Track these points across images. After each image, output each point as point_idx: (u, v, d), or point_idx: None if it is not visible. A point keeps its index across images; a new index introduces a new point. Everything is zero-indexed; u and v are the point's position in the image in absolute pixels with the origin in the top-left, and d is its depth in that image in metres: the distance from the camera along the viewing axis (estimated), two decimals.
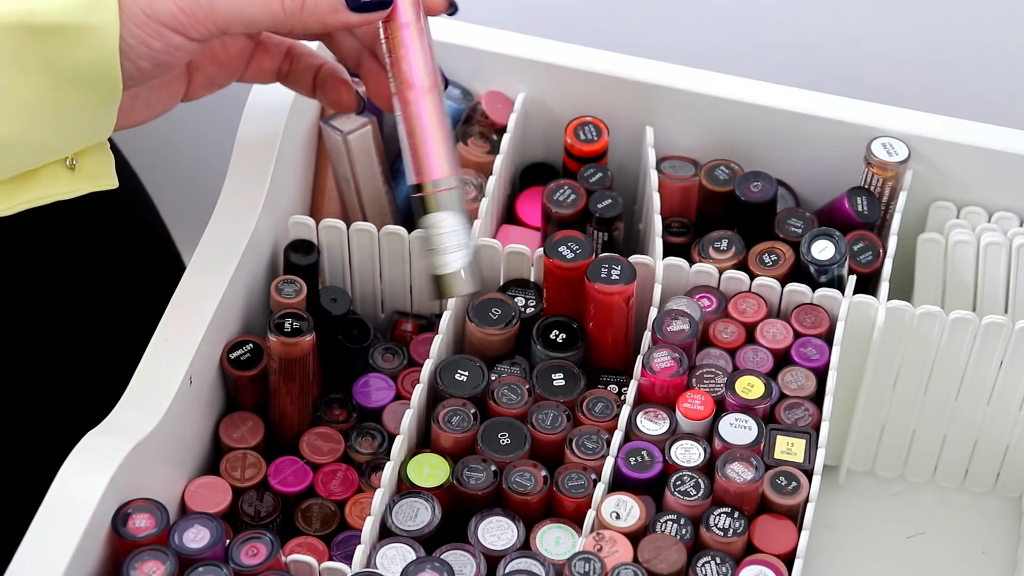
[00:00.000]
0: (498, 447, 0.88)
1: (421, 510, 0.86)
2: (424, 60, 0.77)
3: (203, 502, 0.88)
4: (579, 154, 0.99)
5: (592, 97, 1.01)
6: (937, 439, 1.01)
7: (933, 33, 1.20)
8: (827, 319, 0.94)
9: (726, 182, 0.99)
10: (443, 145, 0.77)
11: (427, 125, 0.77)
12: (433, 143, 0.77)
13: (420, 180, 0.78)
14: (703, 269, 0.95)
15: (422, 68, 0.77)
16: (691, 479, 0.87)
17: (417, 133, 0.77)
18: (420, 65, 0.77)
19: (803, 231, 0.96)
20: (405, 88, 0.77)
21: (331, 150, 0.98)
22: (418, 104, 0.77)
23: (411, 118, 0.77)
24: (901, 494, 1.03)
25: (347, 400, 0.94)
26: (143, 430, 0.83)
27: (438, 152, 0.77)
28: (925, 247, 1.00)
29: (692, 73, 1.00)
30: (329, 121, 0.97)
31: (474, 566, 0.84)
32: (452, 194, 0.78)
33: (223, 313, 0.89)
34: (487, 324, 0.92)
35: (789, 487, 0.87)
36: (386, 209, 1.00)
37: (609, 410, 0.90)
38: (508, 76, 1.02)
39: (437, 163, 0.77)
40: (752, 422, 0.89)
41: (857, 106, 1.00)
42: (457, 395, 0.90)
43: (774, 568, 0.84)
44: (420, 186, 0.78)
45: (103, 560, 0.81)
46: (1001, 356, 0.96)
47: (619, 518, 0.86)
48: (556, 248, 0.92)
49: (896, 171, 0.97)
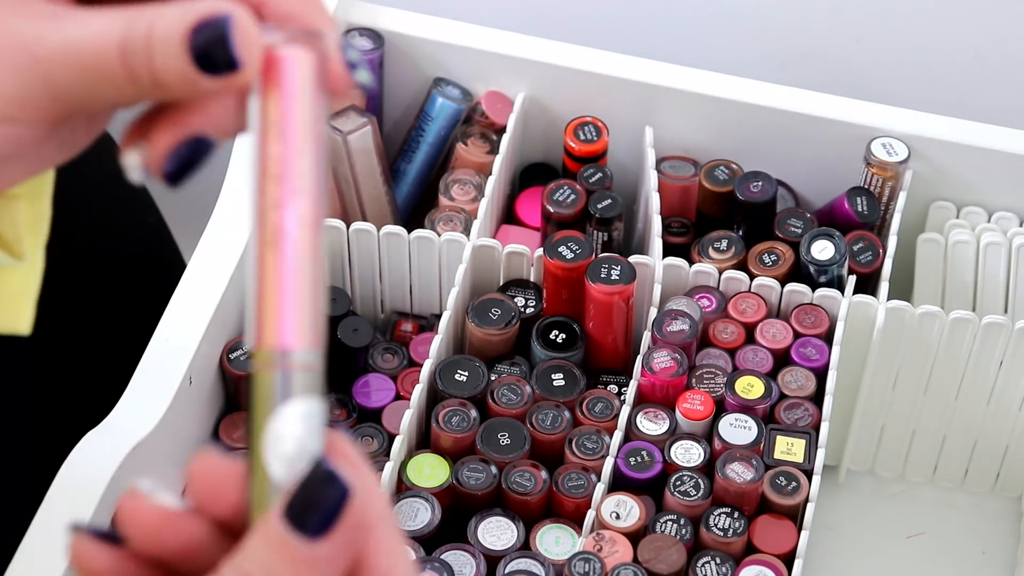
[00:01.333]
0: (498, 447, 0.88)
1: (421, 510, 0.86)
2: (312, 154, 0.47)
3: None
4: (579, 154, 0.99)
5: (592, 97, 1.01)
6: (937, 439, 1.01)
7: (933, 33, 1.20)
8: (827, 319, 0.94)
9: (726, 182, 0.99)
10: (310, 294, 0.46)
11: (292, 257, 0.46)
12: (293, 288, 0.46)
13: (257, 344, 0.46)
14: (703, 269, 0.95)
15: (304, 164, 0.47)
16: (691, 479, 0.87)
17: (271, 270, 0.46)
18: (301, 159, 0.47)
19: (803, 231, 0.96)
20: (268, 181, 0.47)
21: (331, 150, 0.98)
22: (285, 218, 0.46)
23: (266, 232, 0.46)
24: (901, 494, 1.03)
25: (347, 400, 0.94)
26: (143, 430, 0.83)
27: (297, 305, 0.46)
28: (925, 247, 1.00)
29: (692, 73, 1.00)
30: (328, 121, 0.97)
31: (474, 566, 0.84)
32: (303, 377, 0.46)
33: (223, 313, 0.89)
34: (487, 324, 0.92)
35: (789, 487, 0.87)
36: (386, 209, 1.00)
37: (609, 410, 0.90)
38: (508, 76, 1.02)
39: (291, 323, 0.46)
40: (752, 422, 0.89)
41: (857, 106, 1.00)
42: (457, 395, 0.90)
43: (774, 568, 0.84)
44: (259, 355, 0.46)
45: None
46: (1001, 356, 0.96)
47: (619, 518, 0.86)
48: (556, 248, 0.92)
49: (896, 171, 0.97)
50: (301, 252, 0.46)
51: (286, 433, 0.46)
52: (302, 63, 0.48)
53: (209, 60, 0.48)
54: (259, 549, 0.46)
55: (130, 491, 0.48)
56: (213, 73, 0.48)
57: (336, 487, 0.46)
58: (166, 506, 0.48)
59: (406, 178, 1.03)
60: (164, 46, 0.48)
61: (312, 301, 0.46)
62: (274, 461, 0.46)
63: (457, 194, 0.99)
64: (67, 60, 0.49)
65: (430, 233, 0.96)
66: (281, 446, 0.46)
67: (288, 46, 0.49)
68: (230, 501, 0.48)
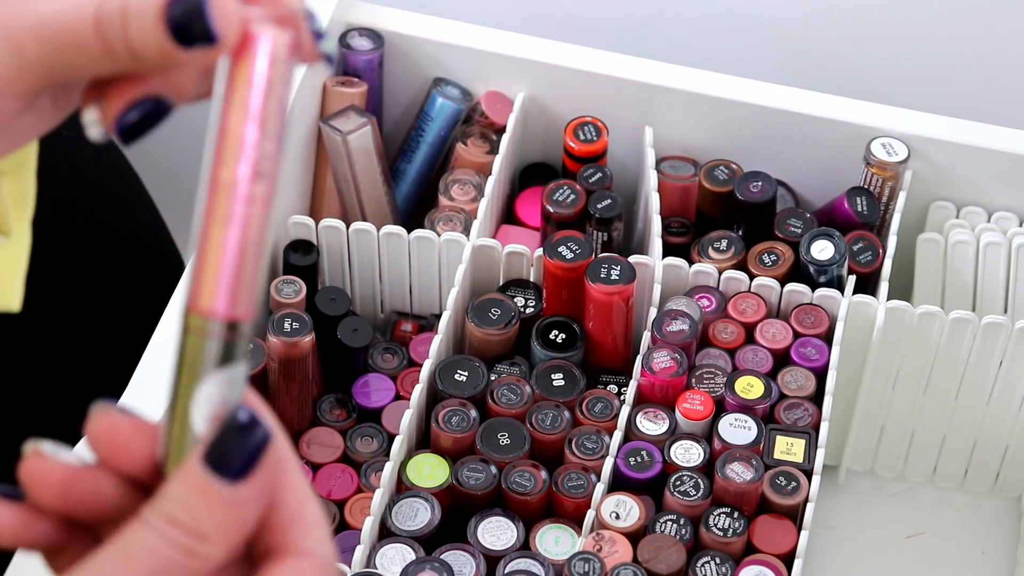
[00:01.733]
0: (498, 447, 0.88)
1: (421, 510, 0.86)
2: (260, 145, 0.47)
3: None
4: (579, 154, 0.99)
5: (592, 97, 1.01)
6: (937, 439, 1.01)
7: (933, 33, 1.20)
8: (827, 319, 0.94)
9: (726, 182, 0.99)
10: (251, 268, 0.48)
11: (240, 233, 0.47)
12: (236, 261, 0.47)
13: (191, 307, 0.48)
14: (702, 269, 0.95)
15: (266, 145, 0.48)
16: (691, 479, 0.87)
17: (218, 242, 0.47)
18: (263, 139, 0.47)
19: (803, 231, 0.96)
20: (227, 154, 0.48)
21: (330, 150, 0.98)
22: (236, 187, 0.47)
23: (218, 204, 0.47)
24: (901, 494, 1.03)
25: (347, 400, 0.94)
26: None
27: (238, 274, 0.47)
28: (925, 247, 1.00)
29: (692, 73, 1.00)
30: (329, 121, 0.97)
31: (474, 566, 0.84)
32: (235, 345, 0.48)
33: None
34: (487, 324, 0.92)
35: (789, 487, 0.87)
36: (386, 209, 1.00)
37: (609, 410, 0.90)
38: (508, 76, 1.02)
39: (227, 290, 0.47)
40: (752, 422, 0.89)
41: (857, 106, 1.00)
42: (457, 395, 0.90)
43: (774, 568, 0.84)
44: (188, 316, 0.48)
45: None
46: (1001, 356, 0.96)
47: (619, 518, 0.86)
48: (556, 248, 0.92)
49: (896, 171, 0.97)
50: (249, 230, 0.48)
51: (215, 395, 0.48)
52: (276, 43, 0.48)
53: (186, 32, 0.48)
54: (181, 492, 0.47)
55: (33, 452, 0.49)
56: (190, 45, 0.48)
57: (258, 432, 0.48)
58: (70, 463, 0.49)
59: (406, 178, 1.03)
60: (140, 18, 0.48)
61: (252, 275, 0.48)
62: (200, 420, 0.48)
63: (457, 194, 0.99)
64: (41, 34, 0.49)
65: (430, 233, 0.96)
66: (209, 407, 0.48)
67: (263, 24, 0.49)
68: (137, 455, 0.49)
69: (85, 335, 1.00)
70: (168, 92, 0.51)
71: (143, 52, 0.49)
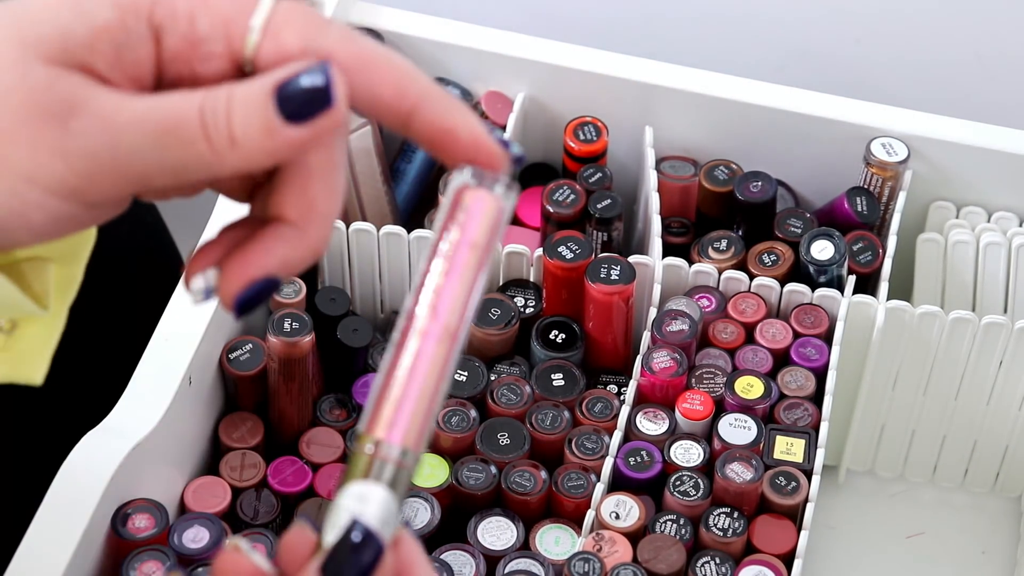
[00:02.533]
0: (498, 447, 0.88)
1: (421, 510, 0.86)
2: (465, 298, 0.53)
3: (203, 502, 0.88)
4: (579, 154, 0.99)
5: (592, 97, 1.01)
6: (937, 439, 1.01)
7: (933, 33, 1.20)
8: (826, 319, 0.94)
9: (726, 182, 0.99)
10: (426, 411, 0.52)
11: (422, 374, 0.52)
12: (416, 399, 0.52)
13: (370, 432, 0.52)
14: (702, 269, 0.95)
15: (458, 305, 0.53)
16: (691, 479, 0.87)
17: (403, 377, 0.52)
18: (457, 301, 0.52)
19: (803, 231, 0.96)
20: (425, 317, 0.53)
21: None
22: (428, 346, 0.52)
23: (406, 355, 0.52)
24: (901, 494, 1.03)
25: (347, 400, 0.94)
26: (142, 430, 0.83)
27: (416, 415, 0.52)
28: (925, 247, 1.00)
29: (692, 73, 1.00)
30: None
31: (474, 566, 0.84)
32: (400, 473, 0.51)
33: (222, 313, 0.89)
34: (487, 324, 0.92)
35: (788, 487, 0.87)
36: (386, 209, 1.00)
37: (609, 410, 0.90)
38: (507, 76, 1.02)
39: (407, 427, 0.52)
40: (752, 422, 0.89)
41: (857, 106, 1.00)
42: (457, 395, 0.90)
43: (774, 568, 0.84)
44: (363, 439, 0.52)
45: (103, 560, 0.81)
46: (1001, 356, 0.96)
47: (618, 518, 0.86)
48: (556, 248, 0.92)
49: (896, 171, 0.97)
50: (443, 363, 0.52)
51: (346, 506, 0.50)
52: (488, 208, 0.53)
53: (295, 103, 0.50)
54: None
55: (232, 546, 0.51)
56: (300, 118, 0.50)
57: (370, 549, 0.50)
58: (260, 567, 0.51)
59: (406, 178, 1.03)
60: (246, 101, 0.49)
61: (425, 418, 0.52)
62: (330, 529, 0.50)
63: None
64: (145, 126, 0.50)
65: (430, 233, 0.96)
66: (339, 517, 0.50)
67: (478, 188, 0.52)
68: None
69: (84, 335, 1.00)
70: (280, 270, 0.52)
71: (244, 135, 0.50)
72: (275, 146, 0.50)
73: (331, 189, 0.53)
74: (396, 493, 0.51)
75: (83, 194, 0.51)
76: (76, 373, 0.99)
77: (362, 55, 0.51)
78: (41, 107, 0.49)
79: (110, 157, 0.50)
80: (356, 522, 0.50)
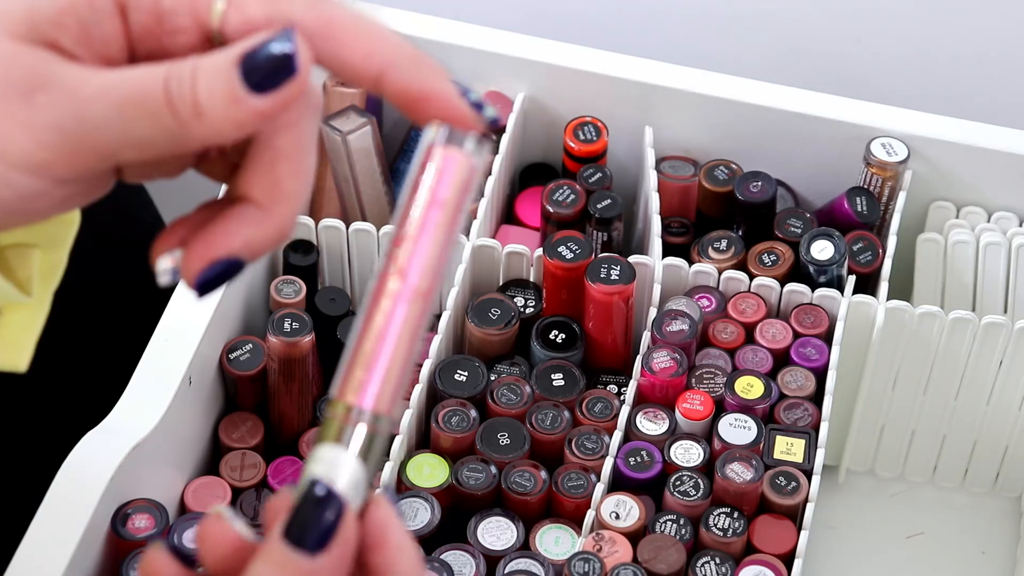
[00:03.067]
0: (498, 447, 0.88)
1: (421, 510, 0.86)
2: (437, 257, 0.52)
3: (203, 502, 0.88)
4: (578, 154, 0.99)
5: (592, 97, 1.01)
6: (937, 439, 1.01)
7: (933, 33, 1.20)
8: (826, 319, 0.94)
9: (726, 182, 0.99)
10: (398, 374, 0.51)
11: (393, 337, 0.51)
12: (388, 363, 0.51)
13: (341, 396, 0.51)
14: (702, 269, 0.95)
15: (428, 266, 0.52)
16: (691, 479, 0.87)
17: (373, 340, 0.51)
18: (427, 261, 0.52)
19: (803, 231, 0.96)
20: (395, 279, 0.52)
21: (330, 150, 0.98)
22: (397, 306, 0.51)
23: (377, 318, 0.51)
24: (901, 494, 1.03)
25: None
26: (142, 430, 0.83)
27: (388, 379, 0.51)
28: (925, 247, 1.00)
29: (692, 73, 1.00)
30: (328, 121, 0.97)
31: (474, 566, 0.84)
32: (370, 437, 0.51)
33: (222, 313, 0.90)
34: (487, 324, 0.92)
35: (788, 487, 0.87)
36: (386, 209, 1.00)
37: (609, 410, 0.90)
38: (508, 76, 1.02)
39: (379, 390, 0.51)
40: (752, 422, 0.89)
41: (857, 106, 1.00)
42: (457, 395, 0.90)
43: (774, 568, 0.84)
44: (334, 403, 0.51)
45: (103, 560, 0.81)
46: (1001, 356, 0.96)
47: (619, 518, 0.86)
48: (556, 248, 0.92)
49: (895, 171, 0.97)
50: (415, 323, 0.51)
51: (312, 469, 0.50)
52: (457, 166, 0.52)
53: (259, 72, 0.49)
54: (264, 568, 0.49)
55: (215, 514, 0.51)
56: (265, 88, 0.49)
57: (332, 506, 0.49)
58: (243, 535, 0.51)
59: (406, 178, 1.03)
60: (211, 69, 0.49)
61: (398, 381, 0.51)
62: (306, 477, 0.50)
63: None
64: (110, 99, 0.49)
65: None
66: (316, 467, 0.50)
67: (447, 146, 0.52)
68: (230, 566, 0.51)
69: (84, 336, 1.00)
70: (243, 251, 0.52)
71: (209, 105, 0.49)
72: (241, 116, 0.50)
73: (298, 170, 0.52)
74: (367, 458, 0.50)
75: (50, 168, 0.50)
76: (76, 373, 0.99)
77: (328, 20, 0.51)
78: (6, 81, 0.49)
79: (76, 130, 0.49)
80: (318, 483, 0.49)
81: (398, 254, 0.51)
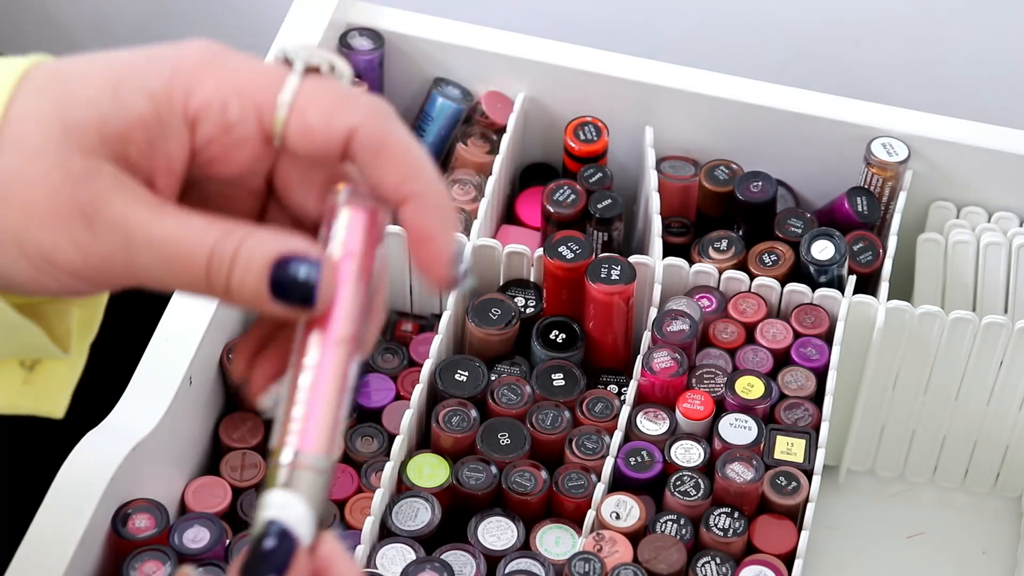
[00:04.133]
0: (498, 447, 0.88)
1: (421, 510, 0.86)
2: (354, 305, 0.55)
3: (203, 502, 0.88)
4: (579, 154, 0.99)
5: (592, 97, 1.01)
6: (937, 439, 1.01)
7: (933, 34, 1.20)
8: (827, 319, 0.94)
9: (726, 182, 0.99)
10: (332, 416, 0.54)
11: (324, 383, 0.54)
12: (322, 408, 0.54)
13: (281, 444, 0.54)
14: (703, 269, 0.95)
15: (347, 313, 0.55)
16: (691, 479, 0.87)
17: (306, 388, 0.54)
18: (346, 309, 0.55)
19: (803, 231, 0.96)
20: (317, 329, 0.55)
21: None
22: (324, 355, 0.55)
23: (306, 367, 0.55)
24: (901, 494, 1.03)
25: None
26: (143, 430, 0.83)
27: (324, 421, 0.54)
28: (925, 247, 1.00)
29: (692, 73, 1.00)
30: None
31: (474, 566, 0.84)
32: (312, 477, 0.53)
33: (223, 313, 0.89)
34: (487, 324, 0.92)
35: (789, 487, 0.87)
36: None
37: (609, 410, 0.90)
38: (508, 76, 1.02)
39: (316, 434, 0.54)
40: (752, 422, 0.89)
41: (857, 106, 1.00)
42: (457, 395, 0.90)
43: (774, 568, 0.84)
44: (275, 452, 0.54)
45: (103, 560, 0.81)
46: (1001, 356, 0.96)
47: (619, 518, 0.86)
48: (556, 248, 0.92)
49: (896, 171, 0.97)
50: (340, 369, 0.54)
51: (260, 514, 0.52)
52: (359, 218, 0.55)
53: (284, 290, 0.53)
54: None
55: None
56: (284, 302, 0.53)
57: (284, 544, 0.52)
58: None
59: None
60: (247, 264, 0.53)
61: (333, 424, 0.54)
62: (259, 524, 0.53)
63: (457, 194, 0.99)
64: (159, 251, 0.53)
65: None
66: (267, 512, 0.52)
67: (347, 204, 0.55)
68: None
69: None
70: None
71: (239, 292, 0.53)
72: (261, 309, 0.54)
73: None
74: (310, 497, 0.53)
75: (92, 282, 0.55)
76: None
77: (382, 138, 0.54)
78: (73, 200, 0.52)
79: (122, 265, 0.54)
80: (272, 523, 0.52)
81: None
